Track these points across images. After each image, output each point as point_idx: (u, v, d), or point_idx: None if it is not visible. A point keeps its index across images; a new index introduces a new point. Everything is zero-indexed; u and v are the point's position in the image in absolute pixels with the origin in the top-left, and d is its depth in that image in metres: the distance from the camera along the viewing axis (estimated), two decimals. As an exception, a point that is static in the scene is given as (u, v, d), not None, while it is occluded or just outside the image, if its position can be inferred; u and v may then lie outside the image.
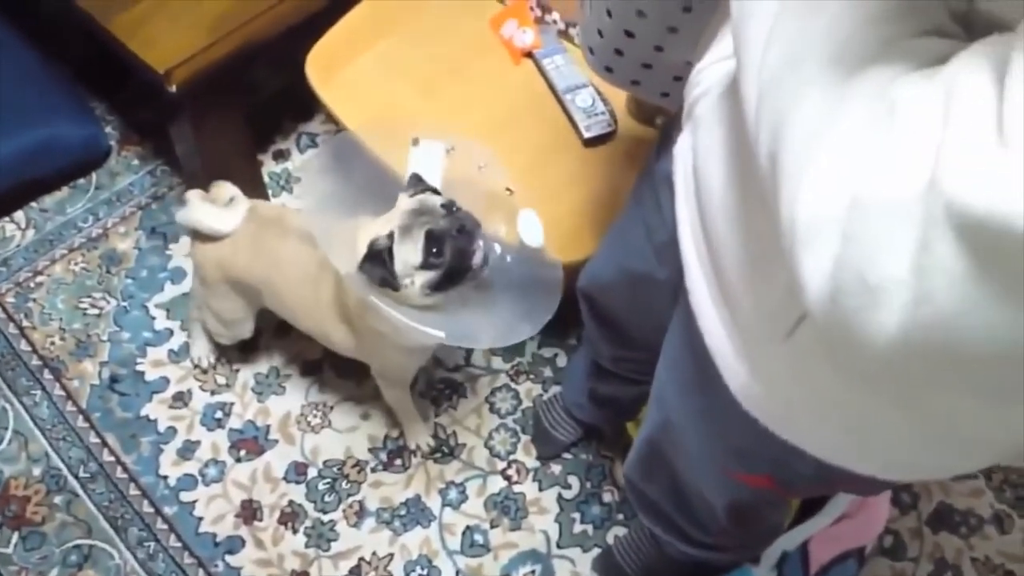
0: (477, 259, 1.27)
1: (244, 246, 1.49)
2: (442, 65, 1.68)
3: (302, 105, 2.01)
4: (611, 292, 1.25)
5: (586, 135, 1.58)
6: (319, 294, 1.45)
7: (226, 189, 1.54)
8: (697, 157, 0.77)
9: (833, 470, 0.75)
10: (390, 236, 1.25)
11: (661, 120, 1.58)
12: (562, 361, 1.80)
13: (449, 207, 1.28)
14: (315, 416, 1.73)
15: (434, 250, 1.24)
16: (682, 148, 0.82)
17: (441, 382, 1.77)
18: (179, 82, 1.56)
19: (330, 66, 1.68)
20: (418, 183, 1.33)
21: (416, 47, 1.70)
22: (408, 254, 1.24)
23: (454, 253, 1.25)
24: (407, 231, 1.25)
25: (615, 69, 1.03)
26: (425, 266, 1.25)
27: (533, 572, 1.60)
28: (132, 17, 1.59)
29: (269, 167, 2.02)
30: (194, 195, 1.51)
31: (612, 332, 1.31)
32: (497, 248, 1.38)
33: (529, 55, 1.68)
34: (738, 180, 0.70)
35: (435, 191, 1.33)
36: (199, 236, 1.51)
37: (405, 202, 1.30)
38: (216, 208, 1.51)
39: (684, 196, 0.80)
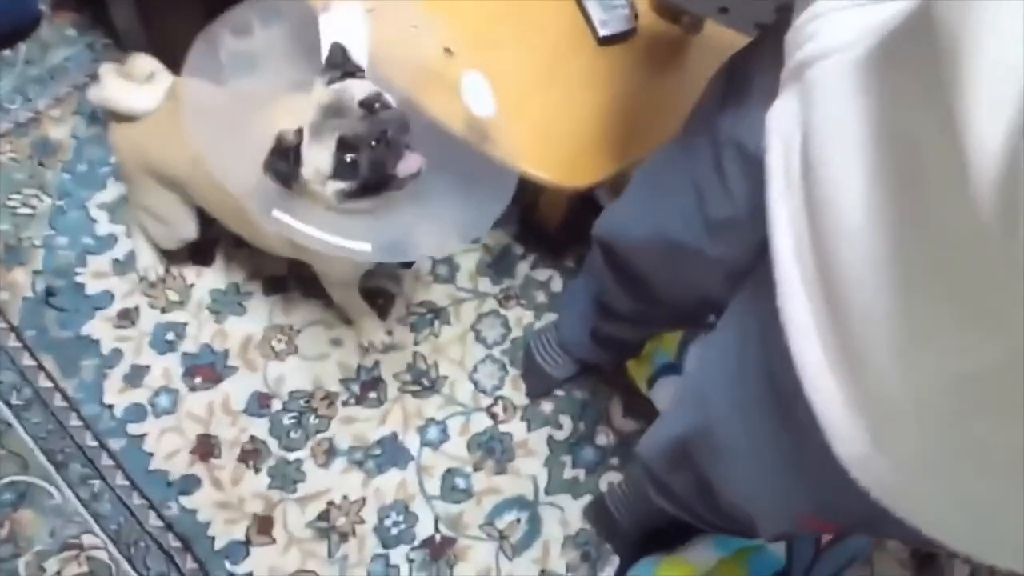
0: (404, 170, 1.07)
1: (160, 130, 1.29)
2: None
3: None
4: (641, 252, 1.06)
5: (601, 32, 1.34)
6: (261, 209, 1.22)
7: (144, 62, 1.31)
8: (812, 143, 0.56)
9: (921, 537, 0.59)
10: (299, 133, 1.06)
11: (689, 18, 1.34)
12: (557, 285, 1.62)
13: (370, 105, 1.07)
14: (280, 341, 1.54)
15: (348, 159, 1.05)
16: (783, 119, 0.62)
17: (421, 305, 1.58)
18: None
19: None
20: (339, 63, 1.11)
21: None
22: (318, 159, 1.06)
23: (371, 165, 1.06)
24: (317, 132, 1.06)
25: (732, 8, 0.80)
26: (336, 175, 1.06)
27: (518, 520, 1.47)
28: None
29: (228, 44, 1.75)
30: (107, 69, 1.32)
31: (634, 287, 1.13)
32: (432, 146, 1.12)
33: (535, -71, 1.41)
34: (898, 212, 0.49)
35: (357, 73, 1.11)
36: (116, 117, 1.31)
37: (320, 92, 1.09)
38: (132, 84, 1.29)
39: (783, 187, 0.59)
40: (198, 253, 1.58)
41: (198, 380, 1.50)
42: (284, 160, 1.05)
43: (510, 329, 1.58)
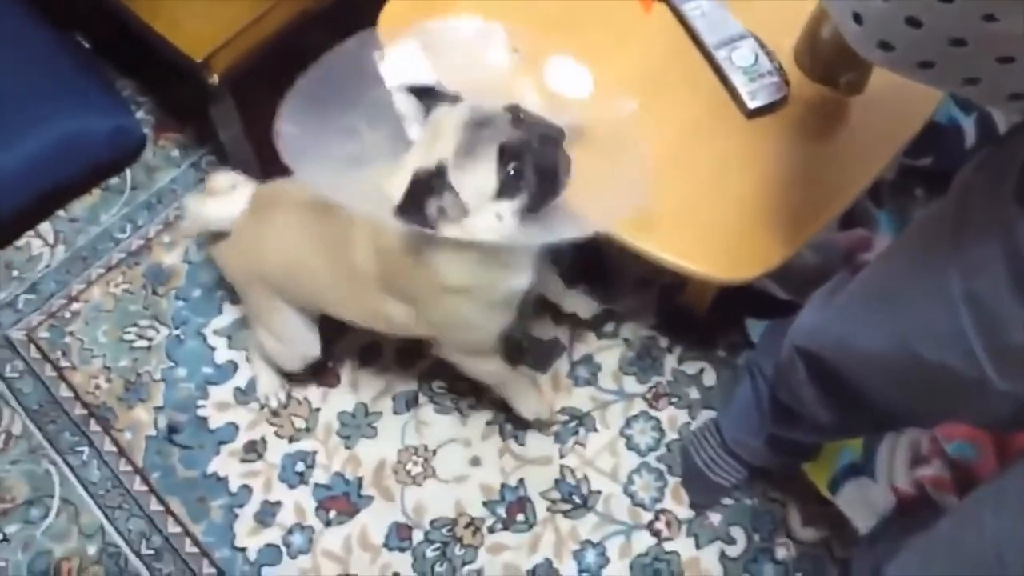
0: (566, 172, 0.96)
1: (254, 234, 1.24)
2: (550, 19, 1.29)
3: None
4: (868, 369, 0.91)
5: (751, 104, 1.20)
6: (352, 266, 1.14)
7: (224, 177, 1.31)
8: None
9: None
10: (440, 164, 0.93)
11: (848, 78, 1.20)
12: (710, 378, 1.46)
13: (516, 112, 0.96)
14: (415, 463, 1.42)
15: (512, 170, 0.92)
16: None
17: (563, 412, 1.44)
18: (221, 71, 1.23)
19: (407, 29, 1.31)
20: (442, 96, 1.00)
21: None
22: (477, 180, 0.93)
23: (540, 171, 0.94)
24: (470, 150, 0.93)
25: (899, 46, 0.66)
26: (504, 192, 0.93)
27: (698, 652, 1.30)
28: (153, -12, 1.24)
29: (330, 147, 1.67)
30: (190, 200, 1.32)
31: (844, 402, 0.98)
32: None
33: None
34: None
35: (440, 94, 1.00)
36: (214, 237, 1.30)
37: (451, 115, 0.97)
38: (218, 200, 1.27)
39: None
40: (323, 374, 1.48)
41: (333, 514, 1.40)
42: (426, 196, 0.93)
43: (664, 432, 1.43)
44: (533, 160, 0.94)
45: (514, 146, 0.93)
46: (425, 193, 0.93)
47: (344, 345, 1.49)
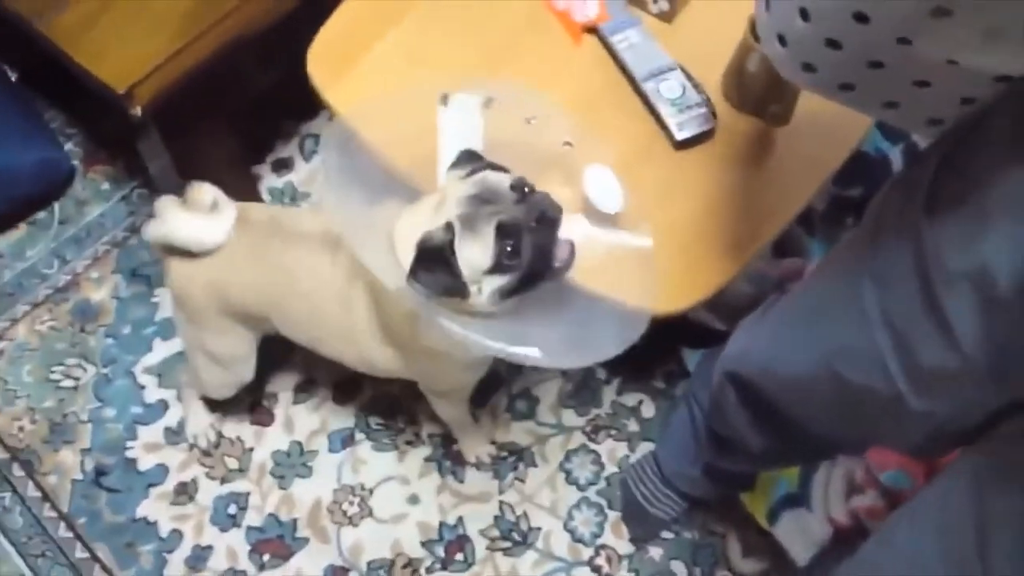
0: (562, 256, 0.97)
1: (241, 261, 1.16)
2: (479, 51, 1.29)
3: (303, 100, 1.62)
4: (794, 392, 0.92)
5: (678, 136, 1.21)
6: (351, 312, 1.13)
7: (206, 191, 1.17)
8: None
9: None
10: (448, 228, 0.94)
11: (774, 109, 1.21)
12: (648, 410, 1.46)
13: (520, 188, 0.97)
14: (351, 503, 1.39)
15: (508, 248, 0.93)
16: None
17: (501, 447, 1.42)
18: (144, 102, 1.20)
19: (337, 62, 1.29)
20: (471, 159, 1.02)
21: (443, 30, 1.31)
22: (474, 254, 0.94)
23: (534, 251, 0.95)
24: (469, 223, 0.94)
25: (820, 68, 0.67)
26: (497, 269, 0.94)
27: None
28: (74, 20, 1.22)
29: (269, 181, 1.66)
30: (166, 202, 1.18)
31: (775, 427, 0.98)
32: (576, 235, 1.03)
33: (593, 31, 1.29)
34: None
35: (497, 167, 1.01)
36: (177, 254, 1.18)
37: (459, 184, 0.98)
38: (197, 216, 1.16)
39: None
40: (256, 412, 1.45)
41: (267, 557, 1.36)
42: (438, 264, 0.93)
43: (603, 466, 1.41)
44: (530, 239, 0.94)
45: (511, 224, 0.94)
46: (436, 257, 0.93)
47: (278, 383, 1.46)
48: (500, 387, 1.46)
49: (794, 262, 1.49)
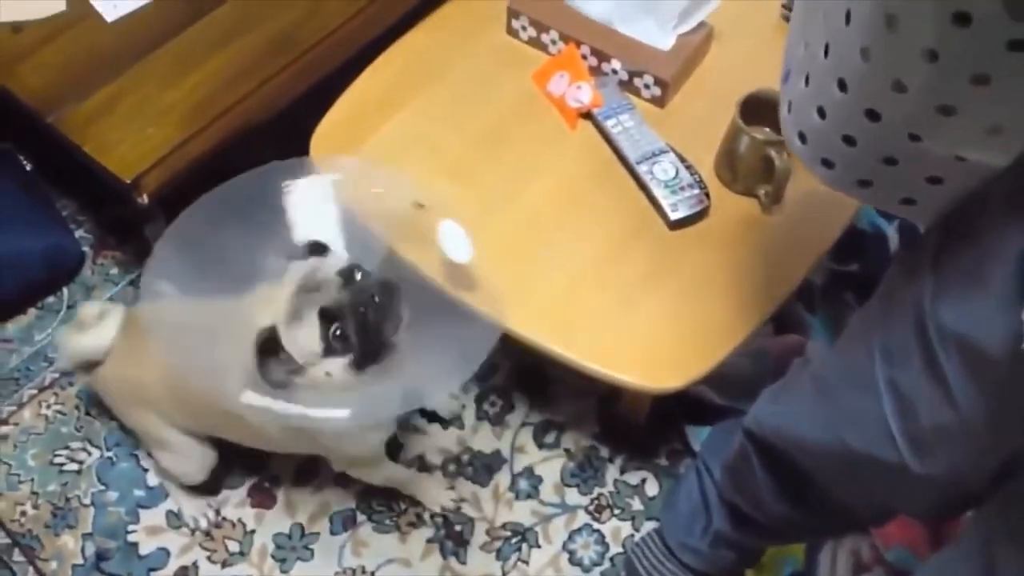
0: (393, 331, 1.03)
1: (131, 359, 1.25)
2: (477, 137, 1.33)
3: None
4: (815, 456, 0.93)
5: (672, 216, 1.23)
6: (232, 396, 1.12)
7: (91, 308, 1.31)
8: None
9: None
10: (272, 328, 1.00)
11: (766, 188, 1.23)
12: (652, 488, 1.45)
13: (348, 274, 1.02)
14: (353, 586, 1.38)
15: (335, 332, 0.99)
16: None
17: (504, 528, 1.41)
18: (151, 190, 1.24)
19: (338, 149, 1.34)
20: (317, 250, 1.07)
21: (442, 117, 1.36)
22: (304, 341, 0.99)
23: (361, 332, 0.99)
24: (296, 313, 1.00)
25: (838, 164, 0.70)
26: (329, 352, 0.99)
27: None
28: (84, 113, 1.26)
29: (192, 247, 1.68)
30: (62, 333, 1.35)
31: (796, 491, 0.99)
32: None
33: (588, 116, 1.33)
34: None
35: (327, 252, 1.07)
36: (88, 366, 1.32)
37: (291, 276, 1.04)
38: (88, 331, 1.29)
39: None
40: (257, 494, 1.45)
41: (266, 644, 1.34)
42: (274, 358, 0.99)
43: (607, 545, 1.40)
44: (356, 322, 0.99)
45: (333, 309, 0.99)
46: (271, 354, 0.99)
47: (280, 465, 1.46)
48: (502, 466, 1.46)
49: (795, 338, 1.49)
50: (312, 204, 1.10)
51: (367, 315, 1.00)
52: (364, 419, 1.17)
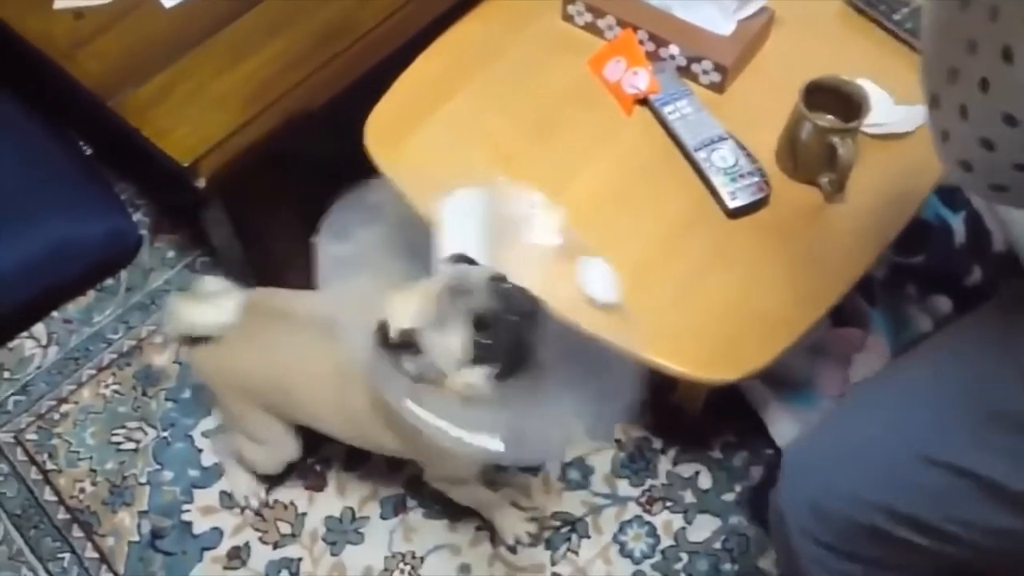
0: (538, 343, 0.98)
1: (241, 345, 1.21)
2: (530, 124, 1.32)
3: (361, 172, 1.67)
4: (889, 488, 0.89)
5: (731, 205, 1.20)
6: (351, 399, 1.14)
7: (211, 282, 1.30)
8: None
9: None
10: (421, 321, 0.96)
11: (828, 178, 1.20)
12: (705, 482, 1.43)
13: (496, 281, 0.98)
14: (402, 571, 1.38)
15: (484, 340, 0.94)
16: None
17: (555, 517, 1.41)
18: (208, 175, 1.23)
19: (393, 135, 1.33)
20: (459, 260, 1.04)
21: (495, 103, 1.34)
22: (449, 345, 0.95)
23: (509, 342, 0.95)
24: (443, 317, 0.96)
25: (1013, 188, 0.66)
26: (474, 360, 0.95)
27: None
28: (144, 98, 1.27)
29: (327, 250, 1.68)
30: (174, 300, 1.29)
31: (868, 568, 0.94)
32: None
33: (644, 102, 1.30)
34: None
35: (473, 262, 1.03)
36: (193, 342, 1.26)
37: (438, 278, 1.00)
38: (205, 304, 1.25)
39: None
40: (310, 477, 1.46)
41: (316, 625, 1.35)
42: (408, 351, 0.96)
43: (659, 538, 1.39)
44: (505, 330, 0.95)
45: (485, 316, 0.95)
46: (406, 347, 0.96)
47: (331, 448, 1.47)
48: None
49: (854, 332, 1.46)
50: (463, 216, 1.08)
51: (517, 325, 0.96)
52: (514, 459, 1.14)
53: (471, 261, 1.04)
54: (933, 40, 0.65)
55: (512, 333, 0.96)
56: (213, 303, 1.25)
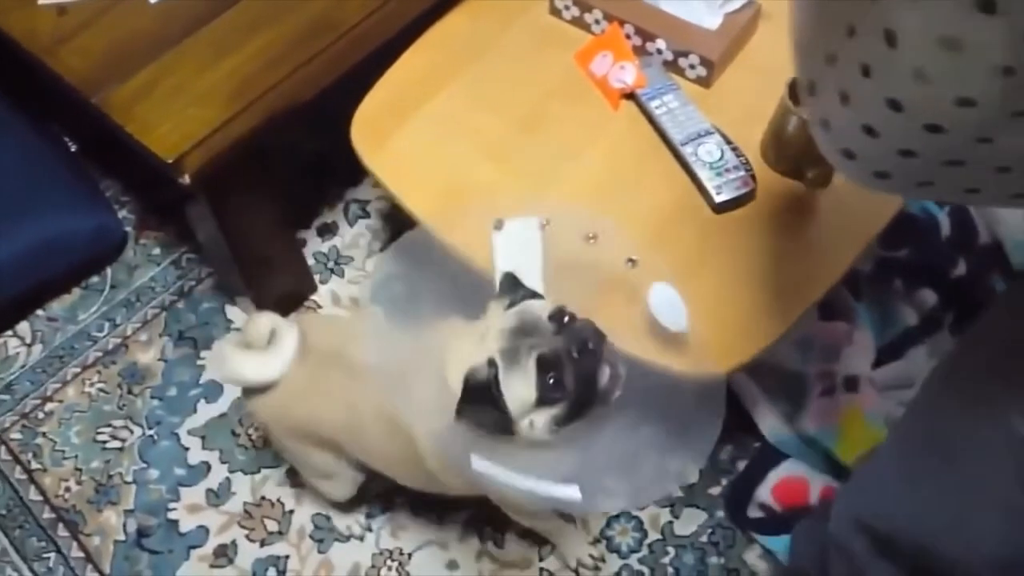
0: (606, 380, 0.94)
1: (299, 393, 1.15)
2: (517, 119, 1.32)
3: (348, 167, 1.66)
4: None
5: (717, 199, 1.20)
6: (415, 443, 1.08)
7: (263, 322, 1.17)
8: None
9: None
10: (492, 363, 0.92)
11: (814, 172, 1.20)
12: (691, 476, 1.42)
13: (559, 318, 0.95)
14: (390, 568, 1.38)
15: (551, 380, 0.91)
16: None
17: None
18: (192, 171, 1.23)
19: (379, 130, 1.33)
20: (512, 288, 1.00)
21: (482, 99, 1.34)
22: (519, 388, 0.91)
23: (578, 380, 0.92)
24: (512, 357, 0.92)
25: (895, 174, 0.65)
26: (543, 402, 0.91)
27: None
28: (127, 93, 1.26)
29: (314, 246, 1.68)
30: (226, 344, 1.20)
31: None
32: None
33: (631, 96, 1.31)
34: None
35: (534, 294, 1.00)
36: (248, 390, 1.19)
37: (500, 317, 0.96)
38: (256, 352, 1.16)
39: None
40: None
41: (304, 622, 1.35)
42: (485, 400, 0.91)
43: (646, 532, 1.38)
44: (572, 369, 0.92)
45: (552, 357, 0.92)
46: (482, 392, 0.92)
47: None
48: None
49: (840, 326, 1.46)
50: (519, 245, 1.04)
51: (584, 362, 0.92)
52: (592, 508, 1.08)
53: (520, 285, 1.00)
54: (808, 25, 0.63)
55: (578, 371, 0.92)
56: (266, 352, 1.16)
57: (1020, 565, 0.77)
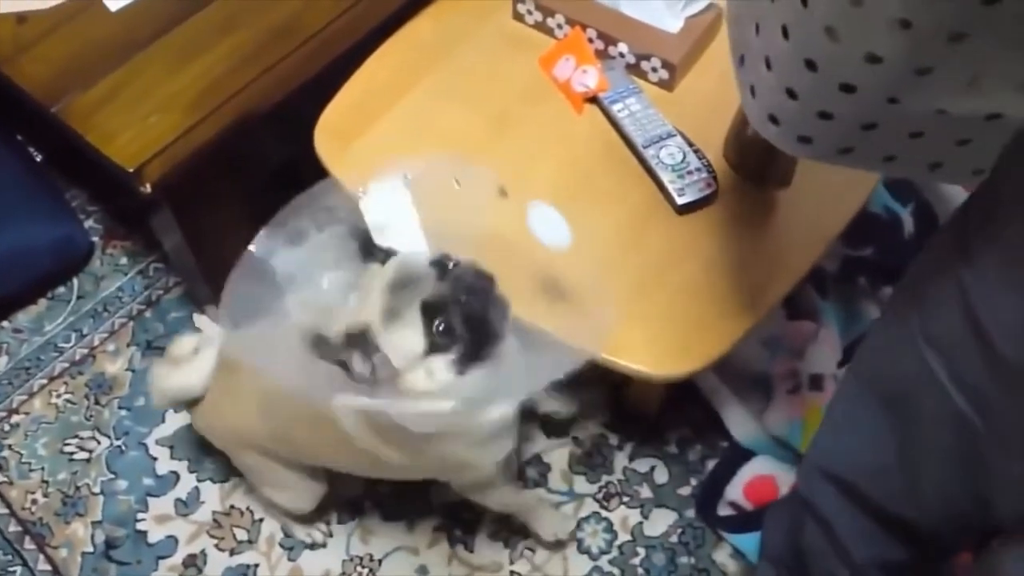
0: (502, 318, 0.95)
1: (225, 401, 1.18)
2: (482, 123, 1.32)
3: (316, 174, 1.66)
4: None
5: (679, 201, 1.21)
6: (342, 424, 1.08)
7: (185, 343, 1.24)
8: None
9: None
10: (364, 327, 0.92)
11: (775, 172, 1.21)
12: (661, 476, 1.43)
13: (441, 264, 0.95)
14: (360, 574, 1.38)
15: (440, 326, 0.91)
16: None
17: (513, 516, 1.40)
18: (154, 180, 1.23)
19: (344, 135, 1.33)
20: (374, 250, 0.99)
21: (446, 103, 1.34)
22: (405, 341, 0.91)
23: (469, 323, 0.92)
24: (394, 314, 0.92)
25: (816, 139, 0.68)
26: (434, 349, 0.91)
27: None
28: (88, 103, 1.26)
29: (279, 258, 1.67)
30: (155, 367, 1.27)
31: (884, 529, 0.94)
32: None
33: (594, 100, 1.31)
34: None
35: (392, 253, 0.99)
36: (189, 405, 1.24)
37: (377, 276, 0.96)
38: (183, 368, 1.20)
39: None
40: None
41: (274, 631, 1.34)
42: (364, 350, 0.91)
43: (615, 534, 1.39)
44: (460, 312, 0.92)
45: (436, 302, 0.92)
46: (360, 343, 0.91)
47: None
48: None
49: (807, 325, 1.47)
50: (389, 206, 1.03)
51: (471, 304, 0.92)
52: (469, 408, 1.04)
53: (389, 249, 0.99)
54: (733, 22, 0.67)
55: (467, 313, 0.92)
56: (188, 364, 1.21)
57: (964, 501, 0.79)
